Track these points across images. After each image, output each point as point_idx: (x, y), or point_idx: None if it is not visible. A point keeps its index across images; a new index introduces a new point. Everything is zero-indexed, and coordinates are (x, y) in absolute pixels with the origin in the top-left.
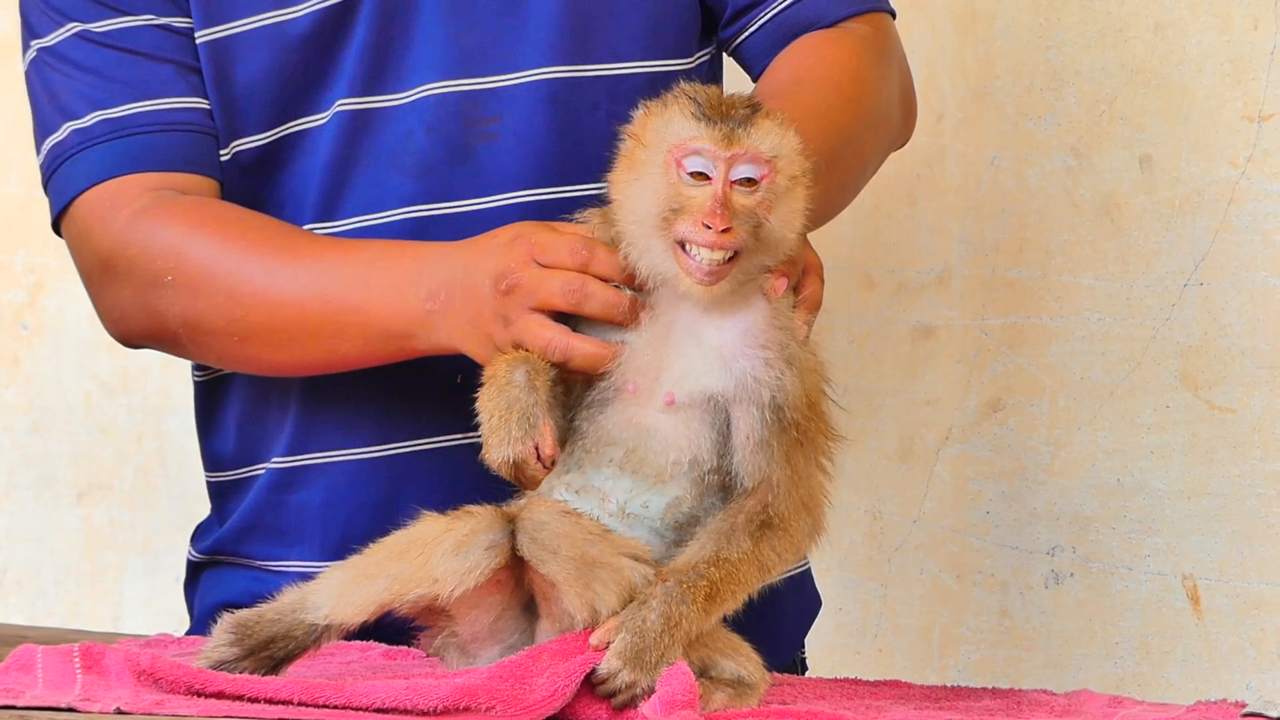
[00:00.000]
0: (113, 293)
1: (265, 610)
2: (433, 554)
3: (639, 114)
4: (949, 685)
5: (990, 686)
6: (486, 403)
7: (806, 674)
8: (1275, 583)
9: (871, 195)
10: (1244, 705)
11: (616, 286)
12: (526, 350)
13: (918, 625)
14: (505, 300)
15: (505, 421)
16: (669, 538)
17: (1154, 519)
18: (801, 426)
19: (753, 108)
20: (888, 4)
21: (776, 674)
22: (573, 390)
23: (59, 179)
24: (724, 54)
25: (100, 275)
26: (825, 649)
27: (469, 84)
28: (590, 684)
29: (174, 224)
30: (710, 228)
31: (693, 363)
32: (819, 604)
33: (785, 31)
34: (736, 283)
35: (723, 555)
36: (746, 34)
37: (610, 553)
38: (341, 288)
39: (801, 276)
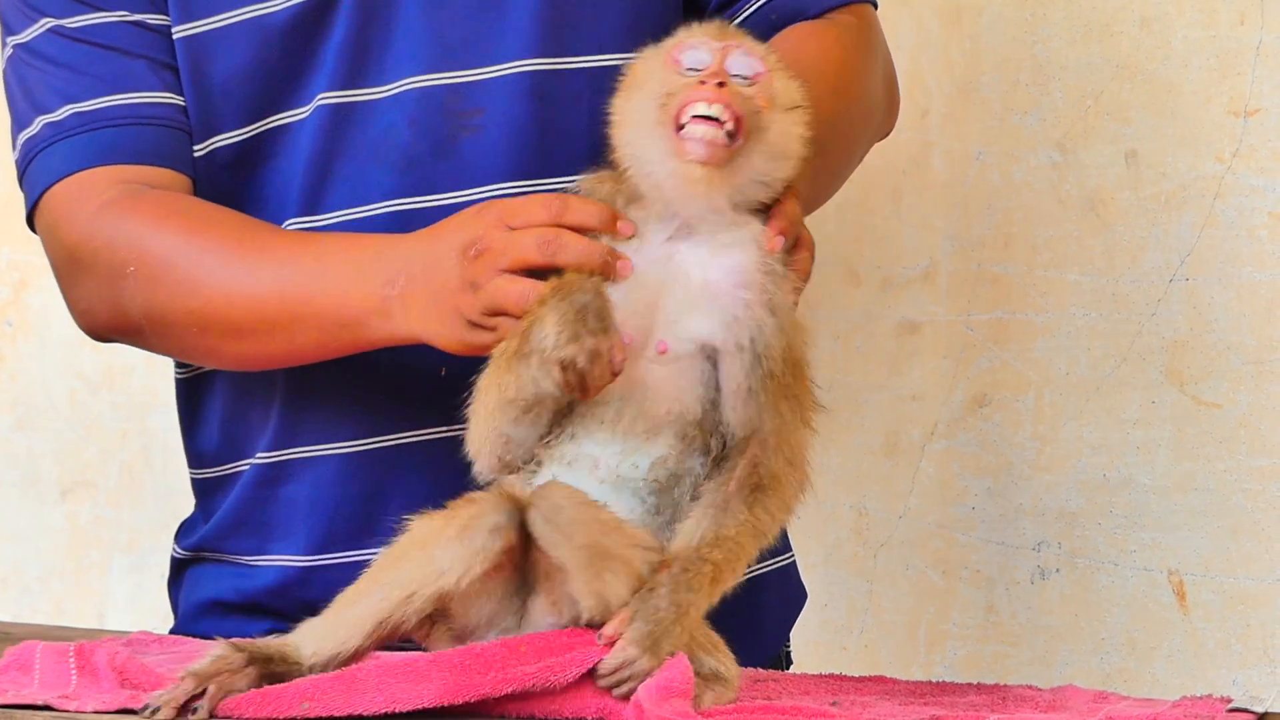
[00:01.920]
0: (80, 285)
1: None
2: (435, 545)
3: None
4: (934, 681)
5: (976, 682)
6: (552, 308)
7: (791, 668)
8: (1261, 578)
9: (856, 190)
10: (1229, 700)
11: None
12: (501, 313)
13: (904, 621)
14: (474, 265)
15: (581, 317)
16: (649, 502)
17: (1140, 514)
18: (782, 379)
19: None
20: None
21: (760, 669)
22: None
23: (31, 173)
24: None
25: (68, 268)
26: (811, 644)
27: (451, 77)
28: (590, 676)
29: (138, 217)
30: (705, 84)
31: (682, 303)
32: (804, 597)
33: (771, 21)
34: (738, 184)
35: (722, 533)
36: (733, 23)
37: (624, 544)
38: (297, 279)
39: (794, 247)
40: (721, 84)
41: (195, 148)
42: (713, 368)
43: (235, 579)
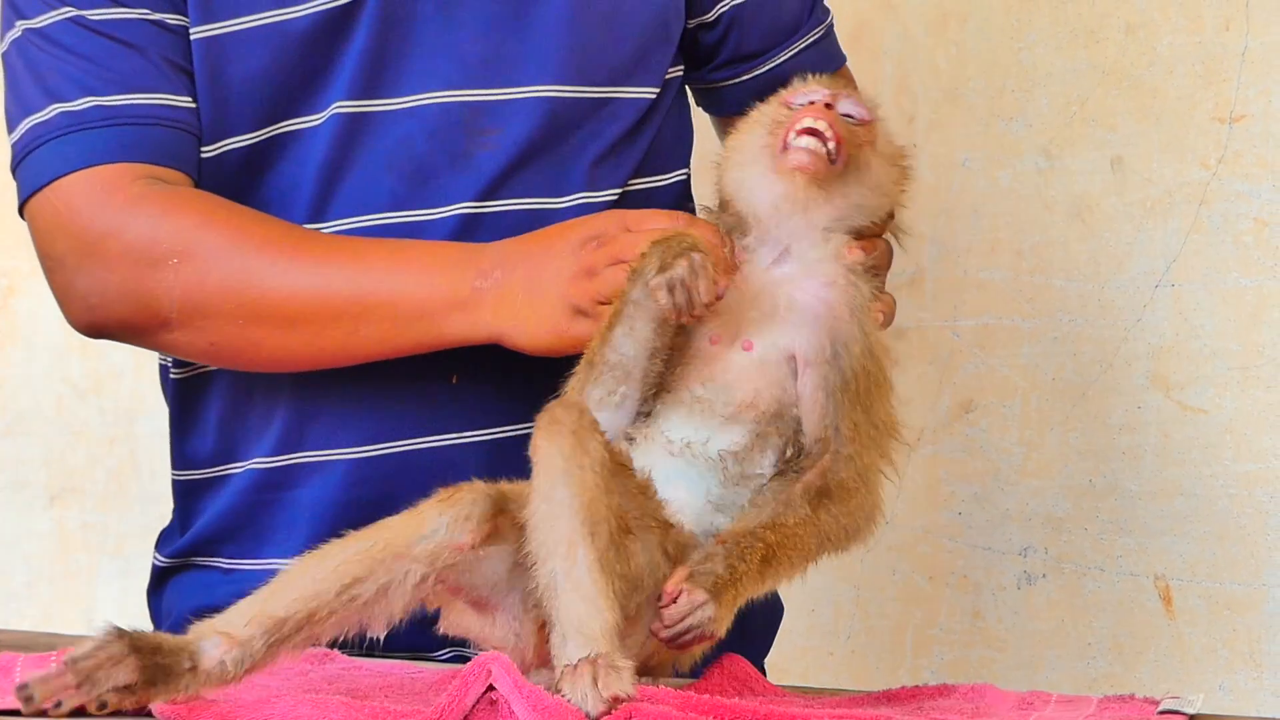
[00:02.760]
0: (95, 277)
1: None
2: (413, 517)
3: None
4: (848, 693)
5: (884, 690)
6: (655, 251)
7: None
8: (1247, 583)
9: None
10: (1156, 701)
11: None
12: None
13: (890, 626)
14: (595, 254)
15: (680, 248)
16: (714, 494)
17: (1126, 519)
18: (863, 392)
19: None
20: (844, 54)
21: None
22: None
23: (37, 158)
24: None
25: (80, 259)
26: (798, 650)
27: (474, 95)
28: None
29: (181, 210)
30: (814, 103)
31: (770, 312)
32: (782, 612)
33: (774, 83)
34: (836, 210)
35: (779, 520)
36: (738, 80)
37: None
38: (371, 272)
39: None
40: (829, 106)
41: (206, 148)
42: (793, 374)
43: (225, 585)
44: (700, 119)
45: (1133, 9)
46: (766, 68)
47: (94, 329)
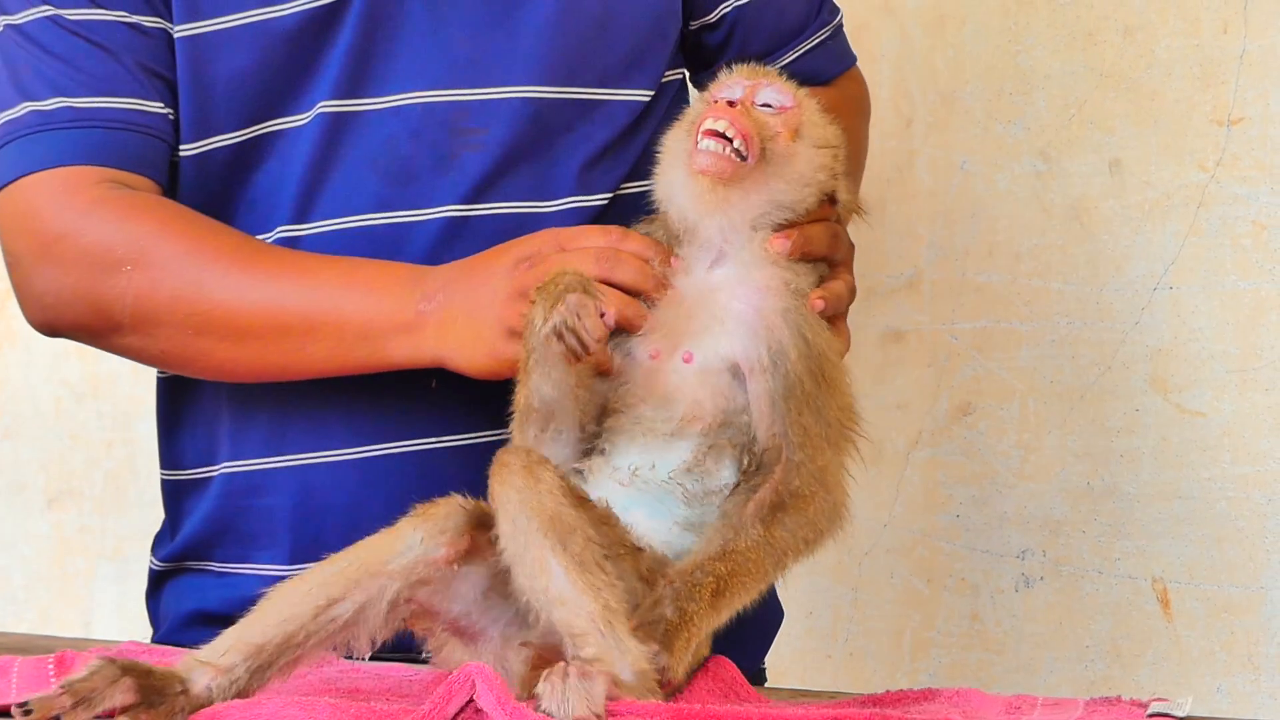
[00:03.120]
0: (49, 278)
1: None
2: (389, 534)
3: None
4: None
5: (869, 694)
6: (539, 300)
7: (766, 685)
8: (1245, 586)
9: None
10: (1143, 705)
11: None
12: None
13: (888, 629)
14: (527, 276)
15: (562, 295)
16: (679, 515)
17: (1124, 522)
18: (807, 393)
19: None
20: (854, 54)
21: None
22: (584, 399)
23: (4, 156)
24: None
25: (36, 259)
26: (796, 653)
27: (457, 94)
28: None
29: (138, 217)
30: (716, 102)
31: (708, 321)
32: (781, 616)
33: None
34: (752, 207)
35: (730, 548)
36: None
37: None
38: (321, 290)
39: (835, 268)
40: (731, 104)
41: (189, 147)
42: (739, 382)
43: (220, 589)
44: None
45: (1130, 12)
46: (778, 65)
47: (49, 328)
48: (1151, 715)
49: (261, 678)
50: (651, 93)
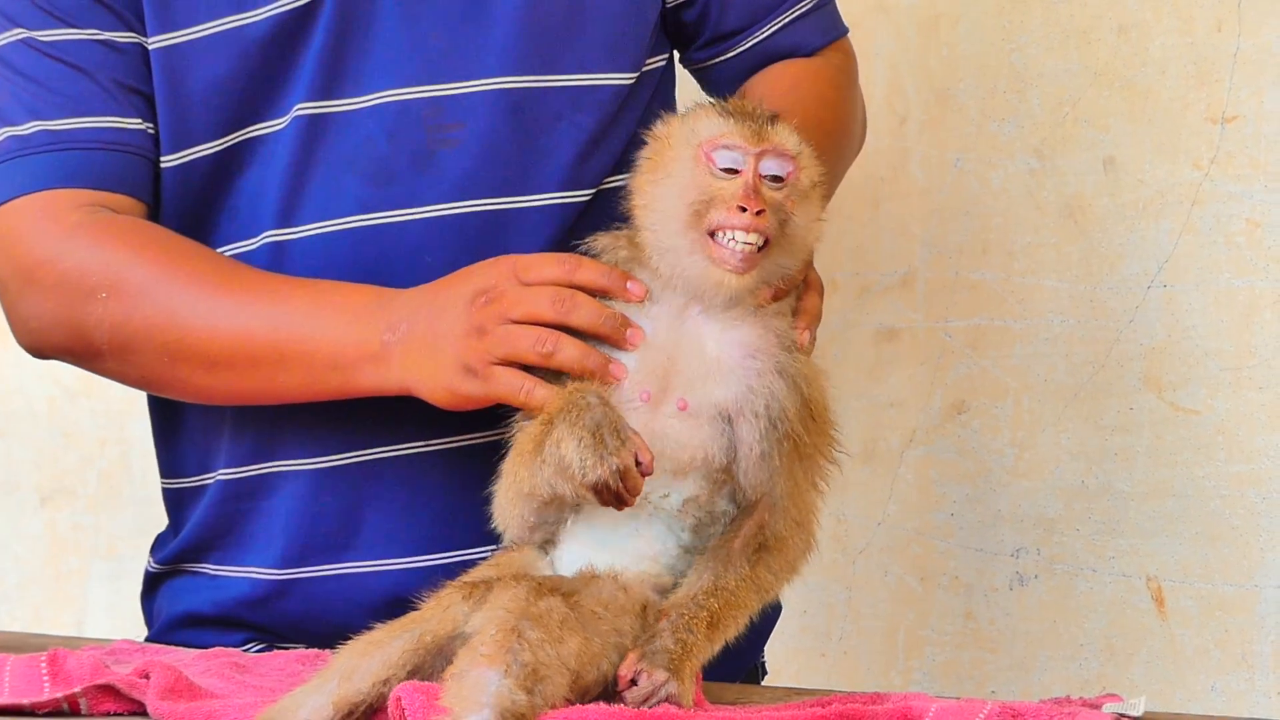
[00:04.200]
0: (32, 303)
1: None
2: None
3: (661, 121)
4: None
5: (872, 691)
6: (567, 432)
7: (765, 680)
8: (1239, 584)
9: (835, 198)
10: (1097, 704)
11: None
12: (507, 362)
13: (882, 628)
14: (484, 312)
15: (598, 439)
16: (685, 540)
17: (1118, 521)
18: (798, 440)
19: (773, 113)
20: (845, 25)
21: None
22: None
23: None
24: (677, 64)
25: (21, 285)
26: (790, 651)
27: (431, 90)
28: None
29: (113, 243)
30: (745, 210)
31: (698, 371)
32: (779, 611)
33: (764, 58)
34: (761, 279)
35: (720, 584)
36: (724, 58)
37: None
38: (290, 318)
39: (804, 290)
40: (760, 212)
41: (170, 158)
42: (732, 429)
43: (210, 591)
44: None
45: (1125, 10)
46: (749, 44)
47: (37, 351)
48: (1109, 713)
49: None
50: (633, 76)
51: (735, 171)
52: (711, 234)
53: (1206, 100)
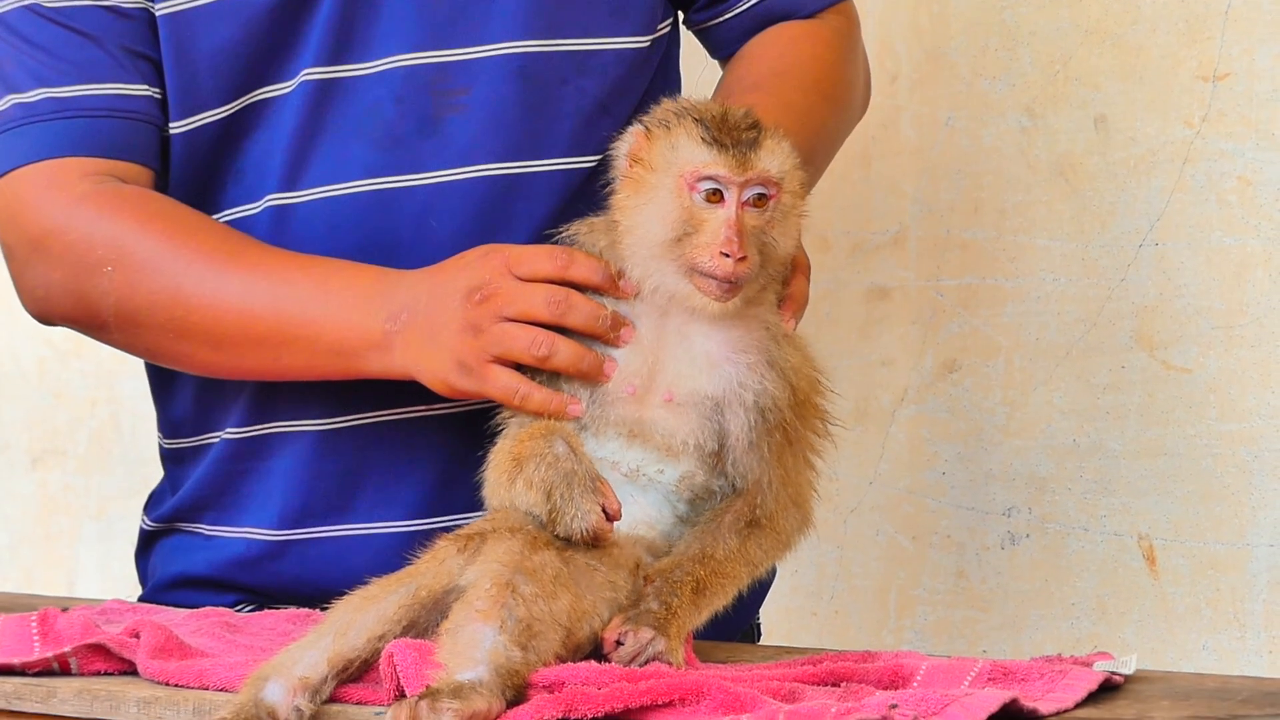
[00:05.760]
0: (40, 273)
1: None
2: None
3: (638, 136)
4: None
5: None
6: (539, 482)
7: (761, 639)
8: (1231, 543)
9: None
10: (1088, 662)
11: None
12: (502, 360)
13: (873, 587)
14: (478, 310)
15: (569, 495)
16: (680, 510)
17: (1110, 479)
18: (789, 428)
19: (755, 126)
20: None
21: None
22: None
23: None
24: (682, 26)
25: (28, 253)
26: (781, 610)
27: (438, 55)
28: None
29: (119, 215)
30: (729, 256)
31: (684, 367)
32: (774, 574)
33: (763, 19)
34: (746, 298)
35: (708, 553)
36: (723, 19)
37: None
38: (295, 300)
39: (790, 273)
40: (743, 259)
41: (178, 124)
42: (720, 417)
43: (205, 551)
44: (686, 76)
45: None
46: (747, 5)
47: (44, 319)
48: (1100, 671)
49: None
50: (644, 40)
51: (718, 196)
52: (695, 266)
53: (1198, 58)
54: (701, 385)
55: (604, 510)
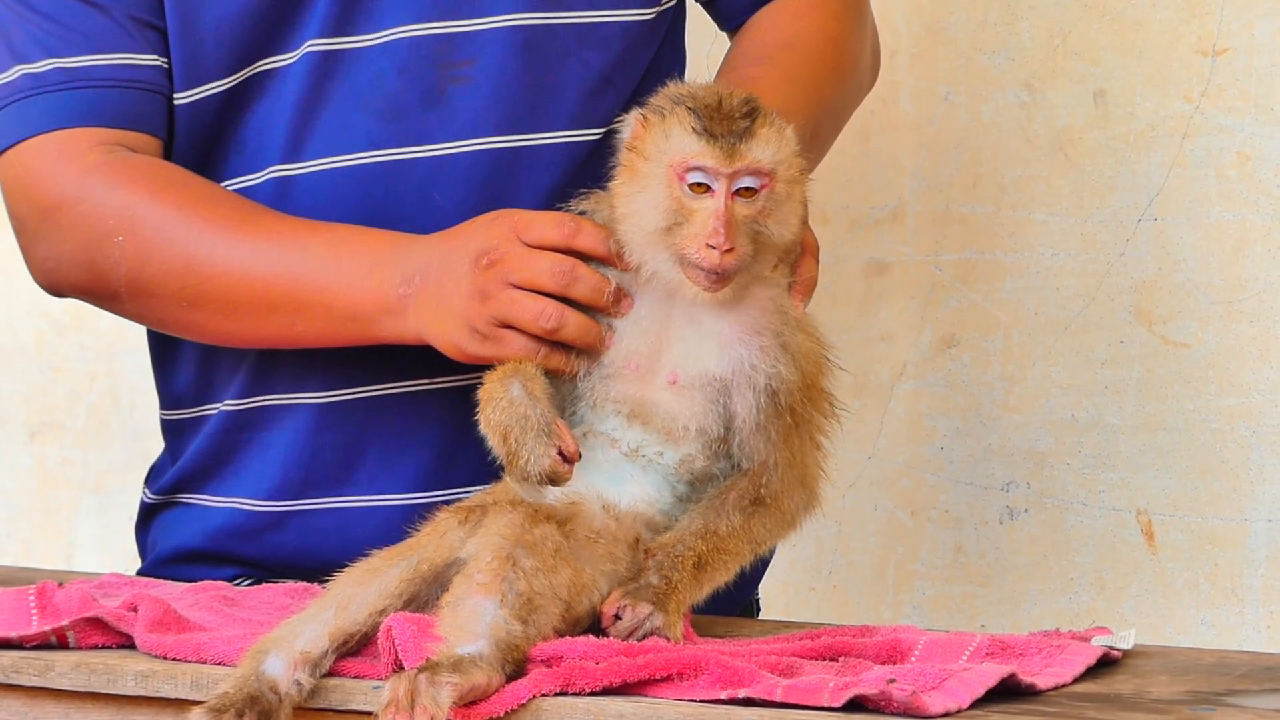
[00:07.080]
0: (50, 244)
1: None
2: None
3: (635, 124)
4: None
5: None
6: (495, 425)
7: (759, 616)
8: (1229, 518)
9: None
10: (1086, 637)
11: (603, 273)
12: (511, 326)
13: (872, 562)
14: (486, 275)
15: (524, 438)
16: (680, 491)
17: (1108, 454)
18: (798, 410)
19: (750, 114)
20: None
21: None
22: (561, 388)
23: (2, 121)
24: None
25: (39, 224)
26: (780, 585)
27: (442, 27)
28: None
29: (130, 185)
30: (714, 248)
31: (692, 346)
32: (773, 549)
33: None
34: (740, 286)
35: (710, 528)
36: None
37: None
38: (309, 265)
39: (799, 256)
40: (730, 250)
41: (183, 95)
42: (727, 397)
43: (203, 522)
44: (693, 49)
45: None
46: None
47: (54, 290)
48: (1098, 646)
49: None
50: (648, 12)
51: (708, 187)
52: (685, 259)
53: (1197, 33)
54: (709, 366)
55: (561, 453)
